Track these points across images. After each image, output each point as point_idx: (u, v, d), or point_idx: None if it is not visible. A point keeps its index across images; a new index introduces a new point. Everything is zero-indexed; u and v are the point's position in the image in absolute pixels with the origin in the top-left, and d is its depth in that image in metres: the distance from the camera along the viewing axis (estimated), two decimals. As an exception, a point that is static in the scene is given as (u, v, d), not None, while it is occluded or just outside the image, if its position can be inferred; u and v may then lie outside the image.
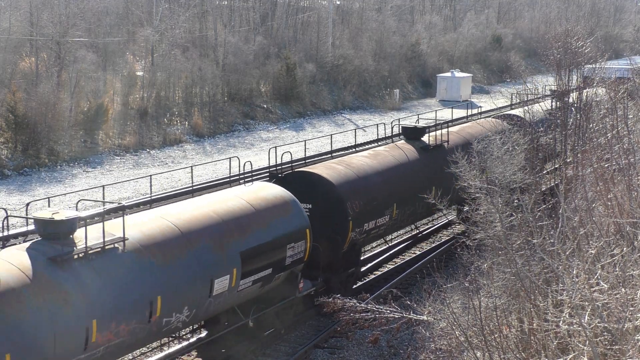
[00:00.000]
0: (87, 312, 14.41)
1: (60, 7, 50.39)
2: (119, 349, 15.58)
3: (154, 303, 15.80)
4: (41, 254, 14.43)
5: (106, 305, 14.80)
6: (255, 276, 18.75)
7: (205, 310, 17.59)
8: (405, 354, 18.35)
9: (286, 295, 20.54)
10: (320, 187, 21.99)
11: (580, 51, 29.15)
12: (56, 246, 14.63)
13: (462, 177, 20.48)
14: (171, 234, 16.84)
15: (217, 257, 17.56)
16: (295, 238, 19.98)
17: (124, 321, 15.17)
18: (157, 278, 16.03)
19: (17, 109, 41.49)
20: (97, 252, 15.13)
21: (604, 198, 14.08)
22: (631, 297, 10.50)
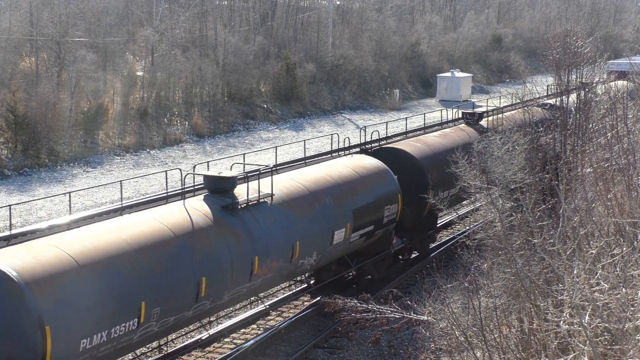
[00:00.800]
0: (251, 250, 18.24)
1: (60, 7, 50.40)
2: (269, 283, 19.72)
3: (294, 247, 19.58)
4: (215, 204, 18.24)
5: (263, 245, 18.53)
6: (361, 231, 22.51)
7: (327, 257, 21.47)
8: (406, 354, 18.37)
9: (381, 249, 24.29)
10: (405, 160, 25.70)
11: (580, 51, 29.14)
12: (224, 198, 18.56)
13: (462, 177, 20.49)
14: (302, 193, 20.70)
15: (336, 212, 21.35)
16: (390, 201, 23.69)
17: (275, 259, 18.97)
18: (296, 227, 19.78)
19: (17, 109, 41.49)
20: (254, 204, 19.01)
21: (604, 198, 14.08)
22: (631, 297, 10.50)
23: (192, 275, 16.53)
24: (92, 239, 15.69)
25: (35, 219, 31.55)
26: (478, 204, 29.78)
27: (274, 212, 19.33)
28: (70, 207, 21.16)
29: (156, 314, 15.67)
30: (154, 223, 16.82)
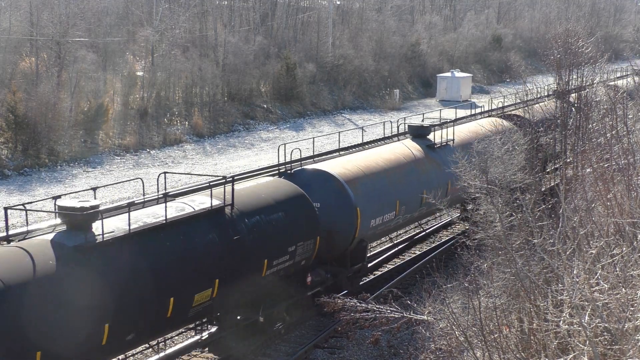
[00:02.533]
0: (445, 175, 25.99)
1: (60, 7, 50.39)
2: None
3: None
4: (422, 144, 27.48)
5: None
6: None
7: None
8: (406, 354, 18.37)
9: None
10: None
11: (580, 51, 29.15)
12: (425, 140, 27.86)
13: (462, 177, 20.49)
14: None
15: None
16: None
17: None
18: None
19: (17, 109, 41.49)
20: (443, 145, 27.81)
21: (604, 198, 14.08)
22: (631, 297, 10.51)
23: (419, 188, 25.02)
24: (367, 159, 24.55)
25: (35, 219, 31.54)
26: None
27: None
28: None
29: (403, 210, 24.69)
30: (393, 153, 25.59)
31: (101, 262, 15.03)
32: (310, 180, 22.15)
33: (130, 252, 15.65)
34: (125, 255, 15.56)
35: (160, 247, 16.36)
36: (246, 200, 19.04)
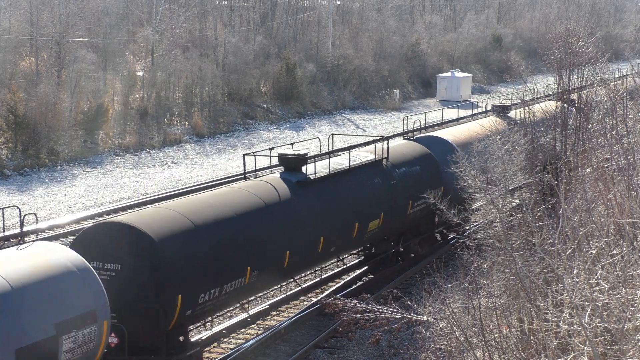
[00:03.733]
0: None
1: (60, 7, 50.38)
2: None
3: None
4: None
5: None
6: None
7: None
8: (406, 354, 18.37)
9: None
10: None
11: (580, 51, 29.13)
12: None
13: (462, 177, 20.48)
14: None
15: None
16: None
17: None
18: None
19: (17, 109, 41.49)
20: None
21: (604, 198, 14.08)
22: (631, 297, 10.50)
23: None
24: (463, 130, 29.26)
25: (34, 220, 31.54)
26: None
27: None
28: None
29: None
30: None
31: (315, 193, 21.04)
32: (429, 144, 27.18)
33: (330, 187, 21.63)
34: (328, 189, 21.52)
35: (347, 185, 22.23)
36: (395, 155, 24.77)
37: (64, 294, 14.13)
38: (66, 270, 14.42)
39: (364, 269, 25.90)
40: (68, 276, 14.40)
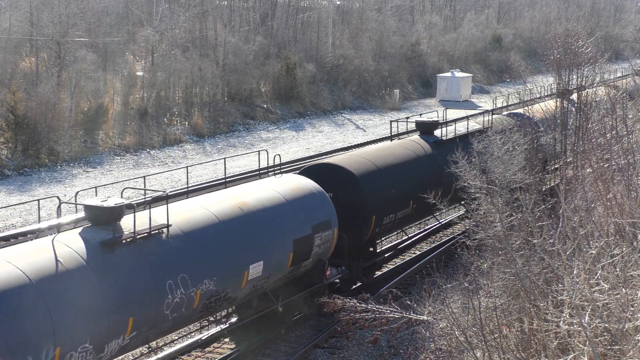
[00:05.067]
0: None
1: (60, 7, 50.38)
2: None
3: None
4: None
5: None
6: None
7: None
8: (406, 354, 18.37)
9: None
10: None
11: (580, 51, 29.15)
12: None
13: (462, 177, 20.49)
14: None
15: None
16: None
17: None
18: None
19: (17, 109, 41.48)
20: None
21: (604, 198, 14.08)
22: (631, 298, 10.51)
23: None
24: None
25: (34, 219, 31.55)
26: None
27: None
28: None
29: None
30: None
31: (446, 149, 26.05)
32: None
33: (455, 145, 24.85)
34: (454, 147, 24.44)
35: (467, 144, 25.71)
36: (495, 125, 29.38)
37: (313, 207, 21.00)
38: (313, 191, 21.38)
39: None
40: (314, 195, 21.31)
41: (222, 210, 18.30)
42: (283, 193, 20.33)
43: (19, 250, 14.49)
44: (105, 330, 14.75)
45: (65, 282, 14.22)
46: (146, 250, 15.98)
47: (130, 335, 15.51)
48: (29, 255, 14.28)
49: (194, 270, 16.76)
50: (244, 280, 18.29)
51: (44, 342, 13.54)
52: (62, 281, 14.18)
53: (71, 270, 14.41)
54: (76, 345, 14.17)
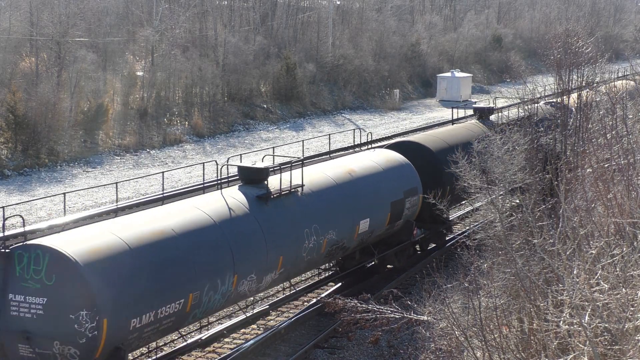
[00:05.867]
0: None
1: (60, 7, 50.38)
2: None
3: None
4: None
5: None
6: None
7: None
8: (406, 354, 18.37)
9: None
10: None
11: (580, 51, 29.13)
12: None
13: (463, 177, 20.49)
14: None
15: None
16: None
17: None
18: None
19: (17, 109, 41.49)
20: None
21: (604, 198, 14.08)
22: (631, 298, 10.51)
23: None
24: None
25: (35, 219, 31.56)
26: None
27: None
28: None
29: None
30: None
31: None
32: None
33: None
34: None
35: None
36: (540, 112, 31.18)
37: (404, 175, 24.64)
38: (402, 163, 25.11)
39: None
40: (403, 166, 25.00)
41: (337, 175, 22.55)
42: (379, 163, 24.56)
43: (200, 200, 18.65)
44: (264, 265, 18.85)
45: (238, 225, 18.36)
46: (288, 204, 20.01)
47: (280, 271, 19.55)
48: (209, 204, 18.35)
49: (322, 222, 20.75)
50: (356, 233, 22.22)
51: (227, 270, 17.72)
52: (236, 224, 18.33)
53: (241, 216, 18.62)
54: (246, 275, 18.32)
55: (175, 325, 17.04)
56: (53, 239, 15.62)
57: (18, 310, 15.19)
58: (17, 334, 15.19)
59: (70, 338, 14.91)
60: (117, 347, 15.44)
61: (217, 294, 17.51)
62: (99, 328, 14.77)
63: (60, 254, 14.92)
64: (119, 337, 15.32)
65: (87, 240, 15.61)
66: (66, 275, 14.86)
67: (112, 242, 15.78)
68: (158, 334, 16.60)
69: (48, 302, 14.98)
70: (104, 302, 14.88)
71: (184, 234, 17.00)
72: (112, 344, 15.16)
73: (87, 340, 14.84)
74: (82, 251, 15.15)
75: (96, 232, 16.19)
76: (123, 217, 17.86)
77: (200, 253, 17.08)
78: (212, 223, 17.74)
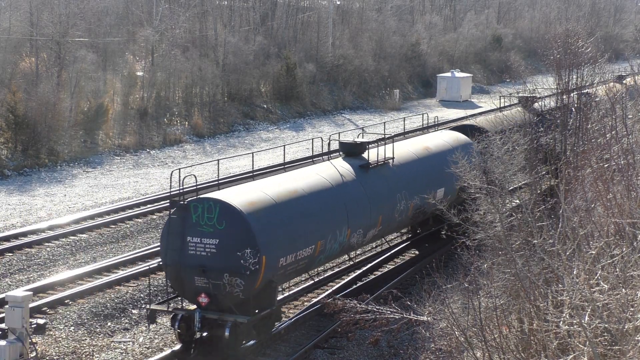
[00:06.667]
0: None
1: (60, 7, 50.36)
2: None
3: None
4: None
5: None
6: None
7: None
8: (406, 354, 18.37)
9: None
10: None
11: (580, 51, 29.13)
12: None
13: (462, 177, 20.50)
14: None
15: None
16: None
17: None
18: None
19: (17, 109, 41.47)
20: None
21: (604, 198, 14.07)
22: (631, 298, 10.51)
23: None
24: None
25: (35, 219, 31.56)
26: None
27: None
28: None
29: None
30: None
31: (547, 120, 29.92)
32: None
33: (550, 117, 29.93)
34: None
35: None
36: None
37: (469, 152, 26.37)
38: (467, 142, 28.76)
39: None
40: (467, 144, 28.50)
41: (417, 151, 26.62)
42: (448, 142, 28.31)
43: (318, 168, 22.62)
44: (368, 222, 22.67)
45: (348, 188, 22.15)
46: (383, 172, 23.99)
47: (379, 228, 23.46)
48: (325, 171, 22.31)
49: (409, 189, 24.61)
50: (434, 200, 24.19)
51: (343, 224, 21.57)
52: (347, 187, 22.16)
53: (350, 181, 22.47)
54: (356, 229, 22.08)
55: (306, 267, 21.04)
56: (221, 193, 19.53)
57: (195, 249, 18.93)
58: (194, 268, 18.89)
59: (237, 271, 18.67)
60: (270, 280, 19.21)
61: (335, 243, 21.39)
62: (259, 263, 18.55)
63: (228, 205, 18.80)
64: (271, 272, 19.13)
65: (244, 195, 19.55)
66: (234, 221, 18.68)
67: (262, 197, 19.76)
68: (295, 273, 20.61)
69: (219, 242, 18.78)
70: (263, 243, 18.63)
71: (311, 193, 21.07)
72: (267, 278, 18.96)
73: (250, 273, 18.61)
74: (243, 203, 19.06)
75: (249, 190, 20.12)
76: (263, 179, 21.71)
77: (324, 209, 21.14)
78: (330, 186, 21.82)
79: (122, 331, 21.82)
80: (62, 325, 21.63)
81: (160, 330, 21.75)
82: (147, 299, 22.70)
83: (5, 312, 19.20)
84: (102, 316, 22.42)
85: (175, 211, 19.23)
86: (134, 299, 23.63)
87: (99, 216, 31.83)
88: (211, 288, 18.86)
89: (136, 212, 32.36)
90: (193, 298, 19.21)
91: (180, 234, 18.99)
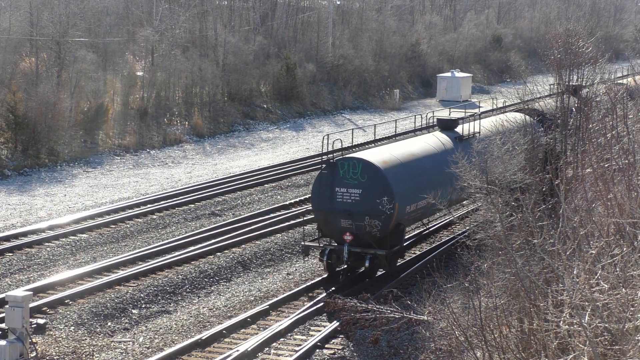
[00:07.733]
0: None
1: (60, 7, 50.36)
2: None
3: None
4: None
5: None
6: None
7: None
8: (406, 354, 18.37)
9: None
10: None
11: (580, 51, 29.11)
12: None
13: (462, 177, 20.48)
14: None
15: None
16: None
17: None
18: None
19: (17, 109, 41.46)
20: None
21: (604, 198, 14.07)
22: (631, 298, 10.50)
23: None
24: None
25: (35, 219, 31.56)
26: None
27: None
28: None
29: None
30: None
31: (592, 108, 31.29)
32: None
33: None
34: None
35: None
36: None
37: (535, 130, 28.30)
38: (531, 122, 29.99)
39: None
40: (533, 124, 29.88)
41: (494, 128, 28.53)
42: (518, 121, 30.66)
43: (425, 138, 28.53)
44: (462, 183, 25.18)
45: (449, 154, 24.68)
46: (473, 143, 27.43)
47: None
48: (431, 140, 28.23)
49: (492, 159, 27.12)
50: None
51: (447, 184, 25.50)
52: (448, 154, 25.42)
53: (449, 149, 27.07)
54: (455, 188, 25.16)
55: (421, 216, 26.82)
56: (361, 153, 25.08)
57: (342, 198, 24.14)
58: (341, 213, 24.08)
59: (376, 214, 23.86)
60: (399, 223, 24.46)
61: (441, 198, 23.76)
62: (393, 209, 23.73)
63: (369, 162, 24.15)
64: (401, 216, 24.39)
65: (379, 155, 25.03)
66: (374, 175, 23.96)
67: (392, 157, 25.31)
68: (413, 219, 26.32)
69: (362, 192, 23.99)
70: (396, 192, 23.86)
71: (424, 156, 26.60)
72: (398, 220, 24.20)
73: (386, 216, 23.77)
74: (380, 161, 24.47)
75: (381, 152, 25.78)
76: (388, 144, 28.20)
77: (434, 170, 26.03)
78: (436, 152, 27.08)
79: (122, 331, 21.83)
80: (62, 325, 21.64)
81: (160, 331, 21.77)
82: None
83: (6, 312, 19.23)
84: (102, 316, 22.43)
85: (325, 167, 24.41)
86: (134, 299, 23.65)
87: (99, 216, 31.83)
88: (354, 228, 23.95)
89: (136, 212, 32.37)
90: (339, 236, 24.20)
91: (330, 186, 24.17)
